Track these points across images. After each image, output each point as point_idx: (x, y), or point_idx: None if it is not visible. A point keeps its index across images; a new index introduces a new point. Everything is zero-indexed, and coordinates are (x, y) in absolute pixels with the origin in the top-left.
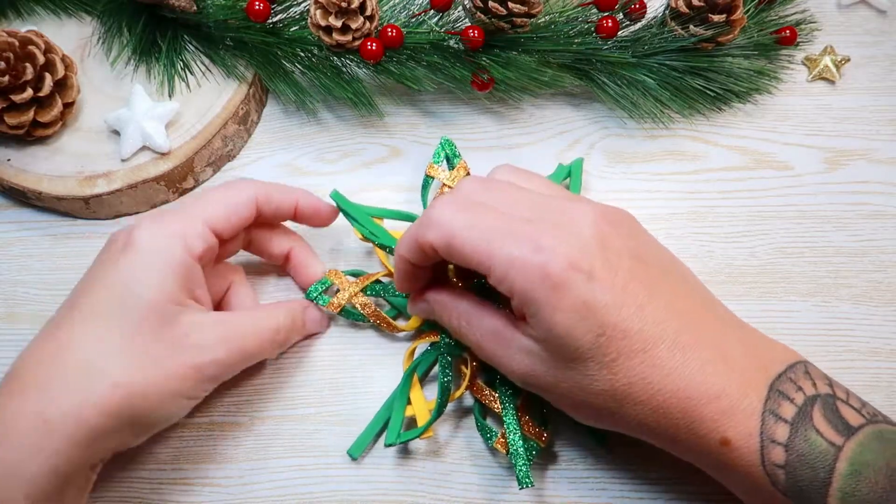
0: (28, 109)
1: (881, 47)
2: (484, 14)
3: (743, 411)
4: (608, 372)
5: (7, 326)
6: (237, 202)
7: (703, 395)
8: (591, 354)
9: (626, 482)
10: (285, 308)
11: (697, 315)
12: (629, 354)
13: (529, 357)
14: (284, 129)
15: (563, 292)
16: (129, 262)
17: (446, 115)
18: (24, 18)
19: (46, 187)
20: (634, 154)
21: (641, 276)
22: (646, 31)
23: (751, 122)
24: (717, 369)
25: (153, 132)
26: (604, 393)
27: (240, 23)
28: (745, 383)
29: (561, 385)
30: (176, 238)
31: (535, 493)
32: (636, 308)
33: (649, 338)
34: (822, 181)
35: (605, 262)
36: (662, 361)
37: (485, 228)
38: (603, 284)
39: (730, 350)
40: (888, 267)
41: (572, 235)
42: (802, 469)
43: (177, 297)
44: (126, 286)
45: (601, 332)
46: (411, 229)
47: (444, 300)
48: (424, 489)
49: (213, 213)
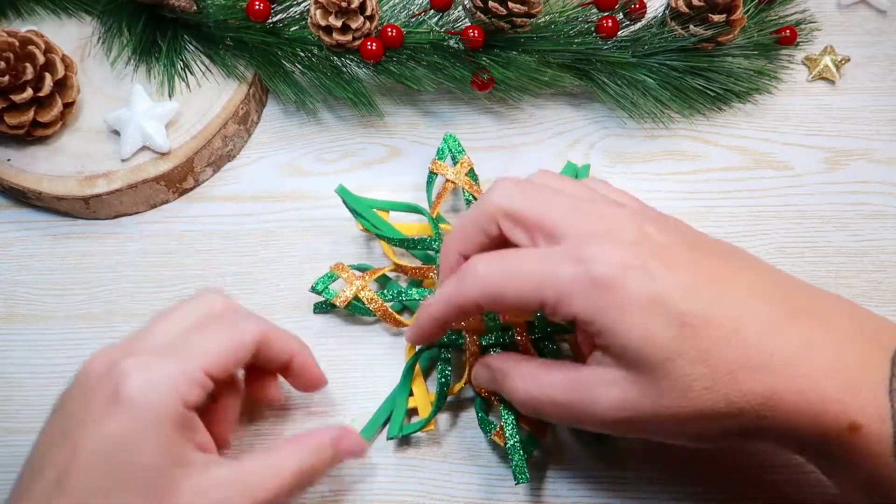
0: (28, 109)
1: (881, 47)
2: (484, 14)
3: (869, 389)
4: (704, 366)
5: (7, 326)
6: (239, 345)
7: (817, 370)
8: (678, 350)
9: (626, 482)
10: (309, 445)
11: (781, 291)
12: (720, 341)
13: (615, 387)
14: (284, 129)
15: (622, 294)
16: (120, 423)
17: (446, 115)
18: (24, 18)
19: (46, 187)
20: (634, 154)
21: (702, 264)
22: (646, 31)
23: (751, 122)
24: (828, 342)
25: (153, 132)
26: (707, 393)
27: (240, 23)
28: (864, 357)
29: (661, 404)
30: (171, 389)
31: (535, 493)
32: (708, 292)
33: (736, 320)
34: (822, 181)
35: (657, 255)
36: (761, 342)
37: (524, 266)
38: (663, 275)
39: (835, 322)
40: (888, 267)
41: (615, 239)
42: None
43: (178, 455)
44: (118, 455)
45: (681, 323)
46: (445, 293)
47: (507, 367)
48: (424, 489)
49: (213, 358)
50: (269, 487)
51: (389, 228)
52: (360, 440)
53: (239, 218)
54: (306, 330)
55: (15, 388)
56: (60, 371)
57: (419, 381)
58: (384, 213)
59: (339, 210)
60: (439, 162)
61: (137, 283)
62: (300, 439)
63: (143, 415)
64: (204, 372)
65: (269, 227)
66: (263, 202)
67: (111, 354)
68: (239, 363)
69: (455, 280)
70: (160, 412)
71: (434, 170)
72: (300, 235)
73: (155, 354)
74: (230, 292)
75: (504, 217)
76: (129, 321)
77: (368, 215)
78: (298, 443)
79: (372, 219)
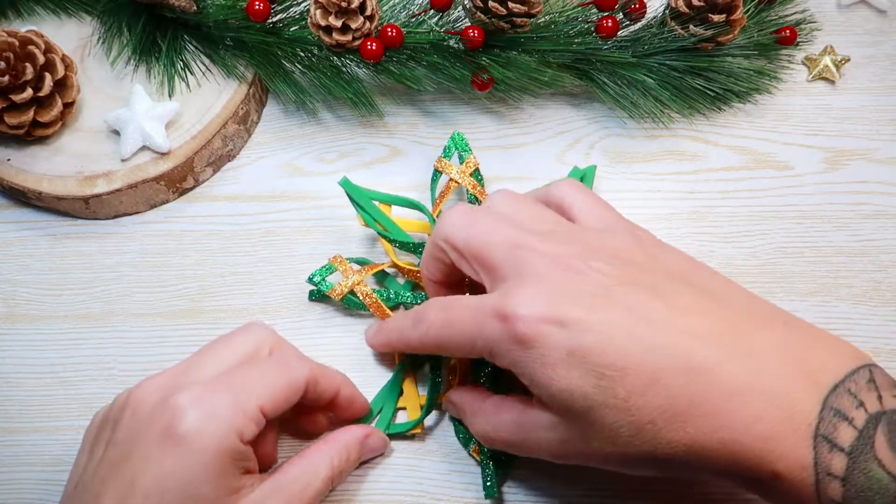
0: (28, 109)
1: (881, 47)
2: (484, 14)
3: (792, 437)
4: (627, 415)
5: (7, 326)
6: (291, 386)
7: (739, 421)
8: (601, 401)
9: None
10: (337, 446)
11: (718, 325)
12: (639, 391)
13: (552, 432)
14: (284, 129)
15: (542, 349)
16: (176, 459)
17: (446, 115)
18: (24, 18)
19: (46, 187)
20: (634, 154)
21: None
22: (646, 31)
23: (751, 122)
24: (752, 386)
25: (153, 132)
26: (633, 439)
27: (240, 23)
28: (791, 402)
29: (593, 446)
30: (227, 425)
31: (535, 493)
32: (629, 340)
33: (658, 369)
34: (822, 181)
35: (579, 299)
36: (680, 391)
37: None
38: (580, 326)
39: (766, 359)
40: (888, 267)
41: (542, 283)
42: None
43: (231, 485)
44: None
45: (599, 375)
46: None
47: (465, 405)
48: (424, 489)
49: (267, 397)
50: (308, 492)
51: (390, 224)
52: (383, 437)
53: (239, 218)
54: (302, 328)
55: (14, 387)
56: (60, 371)
57: (410, 381)
58: (387, 207)
59: (339, 210)
60: (445, 160)
61: (137, 283)
62: (330, 441)
63: (200, 452)
64: (259, 409)
65: (269, 227)
66: (263, 202)
67: (160, 385)
68: (291, 403)
69: (411, 321)
70: (217, 449)
71: (439, 168)
72: (300, 235)
73: (208, 388)
74: (230, 292)
75: (450, 249)
76: (129, 321)
77: (370, 209)
78: (329, 445)
79: (374, 213)
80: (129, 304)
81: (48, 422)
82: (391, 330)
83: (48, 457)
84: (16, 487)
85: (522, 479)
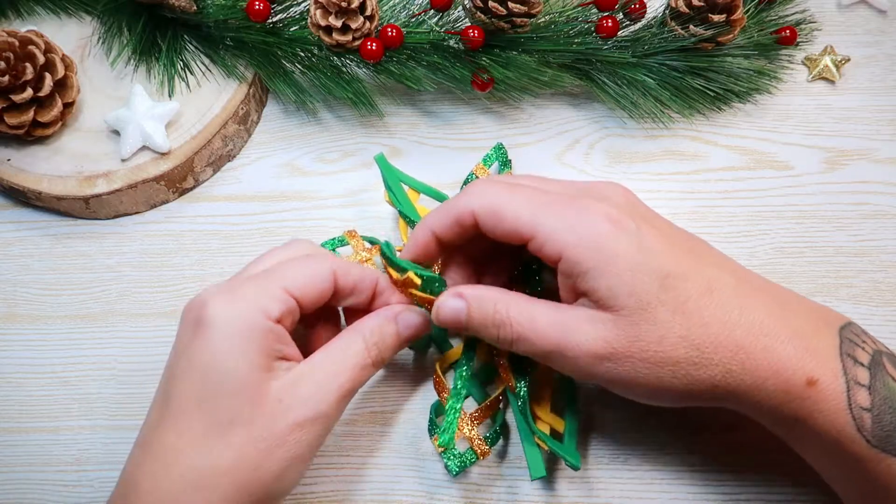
0: (28, 109)
1: (881, 47)
2: (484, 14)
3: (824, 351)
4: (681, 315)
5: (7, 326)
6: (315, 272)
7: (780, 333)
8: (661, 299)
9: (627, 482)
10: (370, 325)
11: (743, 272)
12: (698, 296)
13: (598, 325)
14: (284, 129)
15: (614, 242)
16: (205, 341)
17: (446, 115)
18: (24, 18)
19: (46, 187)
20: (634, 154)
21: (680, 237)
22: (646, 31)
23: (751, 122)
24: (787, 313)
25: (153, 132)
26: (682, 341)
27: (240, 23)
28: (817, 327)
29: (637, 346)
30: (251, 305)
31: (536, 493)
32: (686, 258)
33: (710, 281)
34: (822, 181)
35: (646, 220)
36: (731, 301)
37: (526, 199)
38: (650, 234)
39: (788, 302)
40: (888, 267)
41: (608, 200)
42: (887, 413)
43: (262, 363)
44: (207, 369)
45: (665, 274)
46: (446, 202)
47: (484, 293)
48: (424, 489)
49: (291, 280)
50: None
51: (411, 209)
52: (420, 312)
53: (239, 218)
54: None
55: (14, 387)
56: (60, 371)
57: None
58: (414, 194)
59: (339, 210)
60: (483, 166)
61: (137, 283)
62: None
63: (227, 331)
64: (284, 290)
65: (269, 227)
66: (263, 202)
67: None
68: (319, 290)
69: (458, 195)
70: (242, 327)
71: (477, 173)
72: (300, 235)
73: (236, 282)
74: None
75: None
76: (129, 321)
77: (397, 190)
78: (360, 323)
79: (399, 196)
80: (129, 304)
81: (48, 422)
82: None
83: (48, 457)
84: (16, 487)
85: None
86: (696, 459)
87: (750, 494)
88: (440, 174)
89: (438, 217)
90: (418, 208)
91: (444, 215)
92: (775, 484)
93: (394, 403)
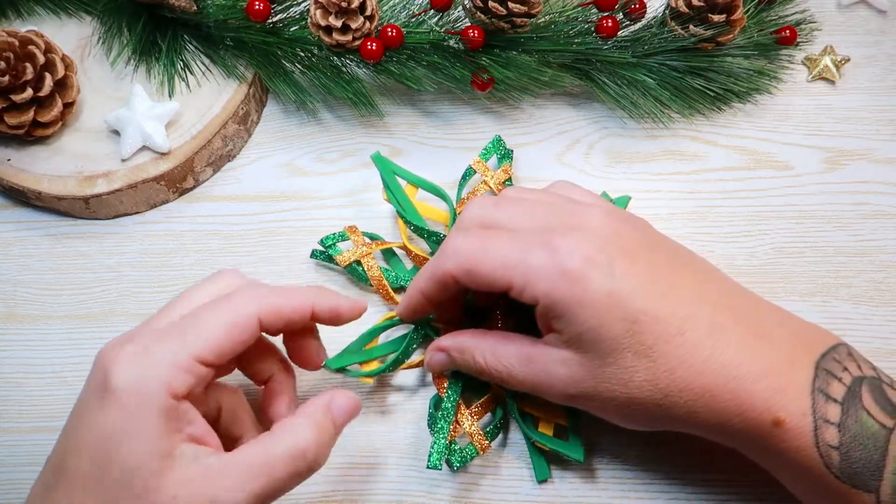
0: (28, 109)
1: (881, 47)
2: (484, 14)
3: (794, 389)
4: (647, 360)
5: (7, 326)
6: (235, 325)
7: (749, 373)
8: (626, 344)
9: (626, 482)
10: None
11: (728, 298)
12: (665, 338)
13: (565, 366)
14: (284, 129)
15: (585, 286)
16: (106, 414)
17: (446, 115)
18: (24, 18)
19: (46, 187)
20: (634, 154)
21: (662, 265)
22: (646, 31)
23: (751, 122)
24: (760, 347)
25: (153, 132)
26: (646, 384)
27: (240, 23)
28: (791, 361)
29: (603, 386)
30: (157, 379)
31: (535, 493)
32: (662, 294)
33: (683, 320)
34: (822, 181)
35: (622, 253)
36: (701, 342)
37: (499, 247)
38: (624, 273)
39: (769, 329)
40: (888, 267)
41: (585, 233)
42: (856, 450)
43: (161, 448)
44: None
45: (633, 320)
46: (428, 266)
47: (463, 343)
48: (424, 489)
49: (206, 344)
50: (265, 473)
51: (411, 208)
52: (351, 397)
53: (239, 218)
54: None
55: (14, 387)
56: (60, 371)
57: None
58: (412, 190)
59: (339, 210)
60: (482, 161)
61: (137, 283)
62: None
63: (128, 406)
64: (194, 359)
65: (269, 227)
66: (263, 202)
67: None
68: (239, 344)
69: (437, 254)
70: (145, 403)
71: (474, 167)
72: (300, 235)
73: (149, 338)
74: None
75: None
76: (129, 321)
77: (395, 189)
78: (292, 421)
79: (397, 194)
80: (129, 304)
81: (48, 422)
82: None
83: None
84: (16, 487)
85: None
86: (696, 459)
87: (750, 495)
88: (440, 174)
89: (424, 281)
90: (416, 204)
91: (428, 279)
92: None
93: (391, 399)
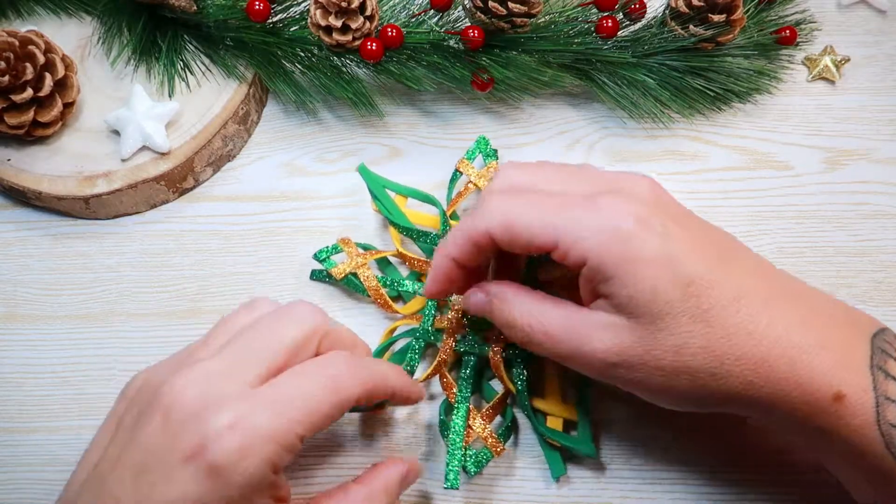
0: (28, 109)
1: (881, 47)
2: (484, 14)
3: (853, 364)
4: (704, 325)
5: (7, 326)
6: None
7: (808, 345)
8: (682, 307)
9: (629, 481)
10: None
11: (779, 276)
12: (723, 304)
13: (610, 331)
14: (284, 129)
15: (638, 246)
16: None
17: (446, 115)
18: (24, 18)
19: (46, 187)
20: (634, 154)
21: (710, 236)
22: (646, 31)
23: (751, 122)
24: (816, 322)
25: (153, 132)
26: (702, 351)
27: (240, 23)
28: (848, 337)
29: (652, 354)
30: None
31: (536, 493)
32: (718, 259)
33: (739, 288)
34: (822, 181)
35: (673, 219)
36: (759, 311)
37: (543, 204)
38: (677, 235)
39: (821, 307)
40: (888, 267)
41: (633, 197)
42: None
43: None
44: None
45: (689, 282)
46: (459, 226)
47: (507, 294)
48: (424, 489)
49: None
50: None
51: (400, 215)
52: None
53: (239, 218)
54: None
55: (14, 387)
56: (60, 371)
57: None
58: (402, 199)
59: (339, 210)
60: (467, 161)
61: (137, 283)
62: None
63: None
64: (298, 438)
65: (269, 227)
66: (263, 202)
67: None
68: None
69: (470, 214)
70: (246, 483)
71: (460, 169)
72: (300, 235)
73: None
74: (230, 292)
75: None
76: (129, 321)
77: (383, 198)
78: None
79: (386, 203)
80: (129, 304)
81: (48, 422)
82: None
83: (48, 457)
84: (16, 487)
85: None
86: (701, 459)
87: (755, 494)
88: (440, 174)
89: (454, 242)
90: (406, 213)
91: (460, 240)
92: (782, 484)
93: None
